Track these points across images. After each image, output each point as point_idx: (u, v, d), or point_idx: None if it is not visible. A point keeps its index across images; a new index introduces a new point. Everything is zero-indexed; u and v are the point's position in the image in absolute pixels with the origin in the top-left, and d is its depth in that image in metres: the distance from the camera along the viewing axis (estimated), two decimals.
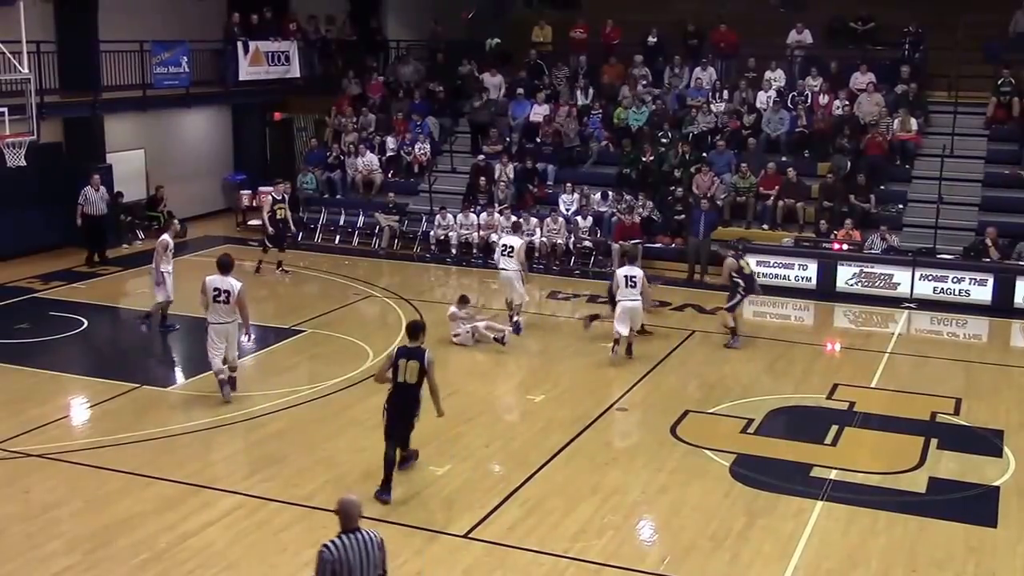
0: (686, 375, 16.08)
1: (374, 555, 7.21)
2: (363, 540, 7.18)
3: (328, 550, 7.12)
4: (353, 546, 7.13)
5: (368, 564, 7.15)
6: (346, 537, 7.18)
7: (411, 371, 11.23)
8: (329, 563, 7.08)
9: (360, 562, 7.12)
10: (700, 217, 21.69)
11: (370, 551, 7.19)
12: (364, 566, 7.13)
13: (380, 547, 7.28)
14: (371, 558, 7.18)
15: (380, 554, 7.27)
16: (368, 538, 7.22)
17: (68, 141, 23.99)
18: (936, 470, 12.50)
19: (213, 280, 13.88)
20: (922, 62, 25.52)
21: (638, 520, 11.24)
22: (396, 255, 24.08)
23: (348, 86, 28.53)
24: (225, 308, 13.89)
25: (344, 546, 7.12)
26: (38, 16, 22.10)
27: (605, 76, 27.34)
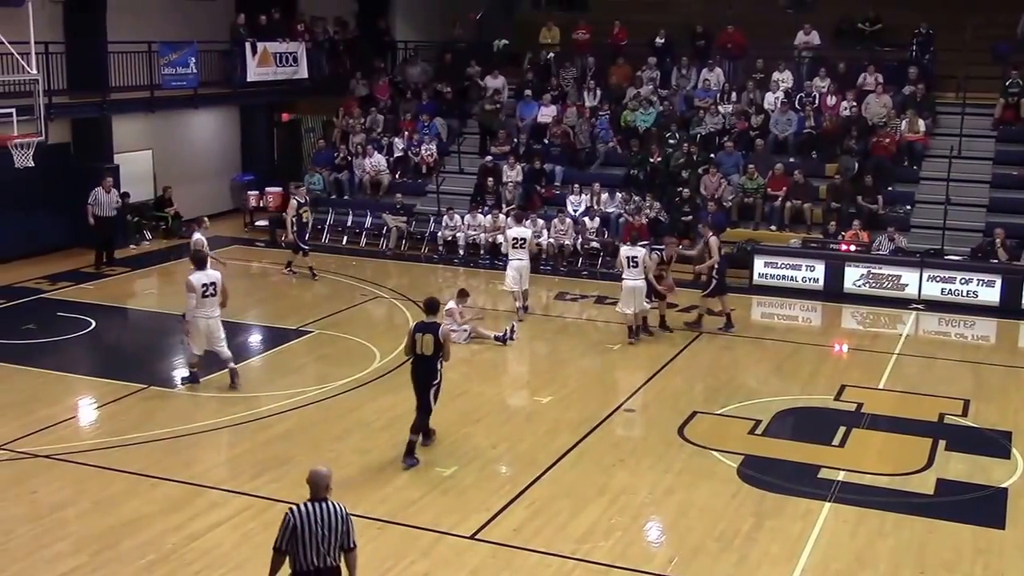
0: (693, 376, 16.06)
1: (337, 525, 7.80)
2: (327, 510, 7.79)
3: (291, 513, 7.81)
4: (316, 513, 7.77)
5: (330, 531, 7.77)
6: (312, 504, 7.82)
7: (427, 344, 12.20)
8: (290, 524, 7.76)
9: (320, 528, 7.75)
10: (706, 219, 21.64)
11: (333, 521, 7.79)
12: (325, 532, 7.75)
13: (344, 519, 7.85)
14: (333, 527, 7.78)
15: (344, 525, 7.85)
16: (333, 508, 7.82)
17: (76, 142, 24.06)
18: (944, 471, 12.46)
19: (199, 276, 14.54)
20: (930, 63, 25.48)
21: (645, 521, 11.22)
22: (403, 256, 24.08)
23: (356, 87, 28.54)
24: (213, 300, 14.54)
25: (308, 512, 7.77)
26: (47, 17, 22.16)
27: (613, 77, 27.33)
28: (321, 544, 7.77)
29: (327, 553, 7.81)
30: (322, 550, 7.78)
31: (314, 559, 7.77)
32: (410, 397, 14.69)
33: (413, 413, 13.98)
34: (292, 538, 7.77)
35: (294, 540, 7.76)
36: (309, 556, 7.76)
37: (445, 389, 12.81)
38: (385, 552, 10.27)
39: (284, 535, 7.79)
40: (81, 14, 23.43)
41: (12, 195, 21.92)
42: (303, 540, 7.74)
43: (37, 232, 22.73)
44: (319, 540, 7.75)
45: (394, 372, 15.85)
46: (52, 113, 20.92)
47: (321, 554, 7.79)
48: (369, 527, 10.77)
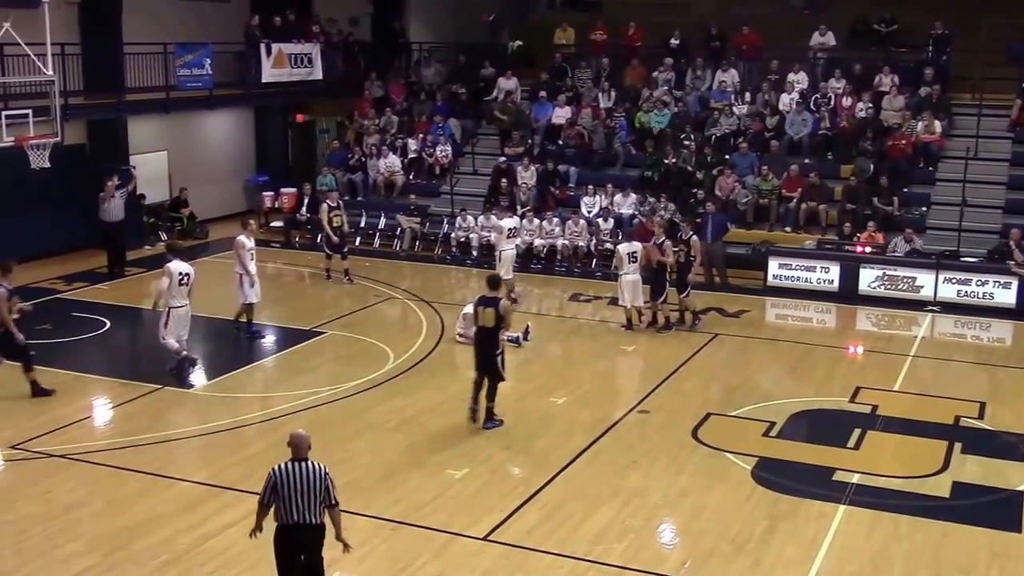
0: (708, 378, 16.02)
1: (317, 483, 8.42)
2: (308, 469, 8.45)
3: (274, 471, 8.48)
4: (297, 471, 8.42)
5: (309, 488, 8.39)
6: (293, 464, 8.48)
7: (488, 317, 13.35)
8: (272, 481, 8.44)
9: (301, 485, 8.39)
10: (707, 220, 21.58)
11: (312, 479, 8.42)
12: (304, 489, 8.39)
13: (324, 477, 8.47)
14: (312, 484, 8.40)
15: (324, 483, 8.46)
16: (314, 468, 8.47)
17: (92, 143, 24.17)
18: (960, 474, 12.40)
19: (179, 265, 15.35)
20: (946, 64, 25.35)
21: (659, 524, 11.18)
22: (417, 257, 24.09)
23: (371, 88, 28.57)
24: (185, 291, 15.28)
25: (289, 470, 8.43)
26: (63, 18, 22.26)
27: (628, 78, 27.29)
28: (301, 500, 8.37)
29: (308, 510, 8.40)
30: (302, 506, 8.39)
31: (295, 515, 8.40)
32: (424, 399, 14.78)
33: (426, 414, 14.11)
34: (274, 494, 8.39)
35: (276, 495, 8.39)
36: (291, 511, 8.39)
37: (457, 391, 12.81)
38: (398, 553, 10.27)
39: (267, 491, 8.46)
40: (97, 15, 23.53)
41: (28, 196, 22.03)
42: (283, 496, 8.37)
43: (53, 232, 22.82)
44: (299, 496, 8.37)
45: (407, 373, 15.88)
46: (68, 114, 21.01)
47: (302, 510, 8.39)
48: (382, 528, 10.78)
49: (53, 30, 19.06)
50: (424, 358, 16.61)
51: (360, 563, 10.12)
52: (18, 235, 21.95)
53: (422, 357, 16.64)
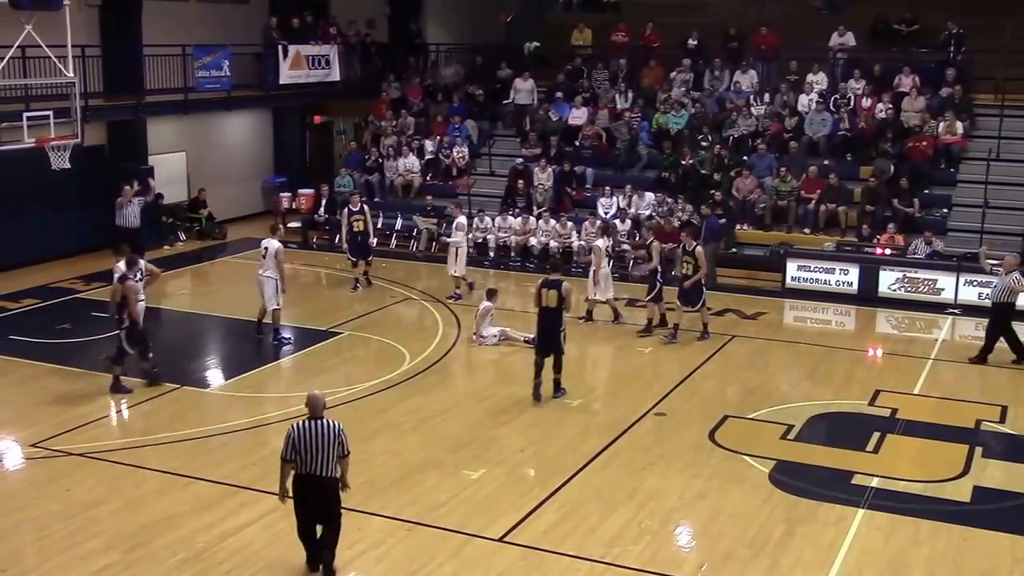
0: (725, 380, 15.95)
1: (332, 438, 9.34)
2: (324, 425, 9.37)
3: (293, 428, 9.41)
4: (314, 429, 9.33)
5: (326, 443, 9.31)
6: (310, 422, 9.39)
7: (551, 298, 14.53)
8: (292, 438, 9.34)
9: (318, 441, 9.30)
10: (702, 223, 21.57)
11: (328, 435, 9.34)
12: (322, 444, 9.30)
13: (339, 433, 9.42)
14: (329, 440, 9.32)
15: (339, 439, 9.40)
16: (329, 424, 9.40)
17: (111, 144, 24.29)
18: (981, 479, 12.30)
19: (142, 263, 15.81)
20: (967, 64, 25.19)
21: (675, 526, 11.13)
22: (434, 258, 24.08)
23: (388, 89, 28.61)
24: (140, 286, 15.50)
25: (307, 428, 9.35)
26: (83, 21, 22.35)
27: (645, 79, 27.23)
28: (318, 455, 9.28)
29: (324, 463, 9.31)
30: (319, 460, 9.29)
31: (313, 467, 9.31)
32: (440, 399, 14.80)
33: (442, 415, 14.14)
34: (294, 449, 9.30)
35: (295, 451, 9.30)
36: (308, 465, 9.30)
37: (473, 392, 12.77)
38: (414, 553, 10.26)
39: (287, 447, 9.36)
40: (117, 17, 23.64)
41: (48, 196, 22.13)
42: (301, 451, 9.28)
43: (72, 233, 22.91)
44: (315, 451, 9.28)
45: (424, 373, 15.88)
46: (88, 115, 21.11)
47: (319, 463, 9.30)
48: (398, 528, 10.77)
49: (74, 32, 19.13)
50: (440, 359, 16.61)
51: (376, 563, 10.12)
52: (38, 235, 22.11)
53: (438, 358, 16.63)
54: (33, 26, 18.24)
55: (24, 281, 21.00)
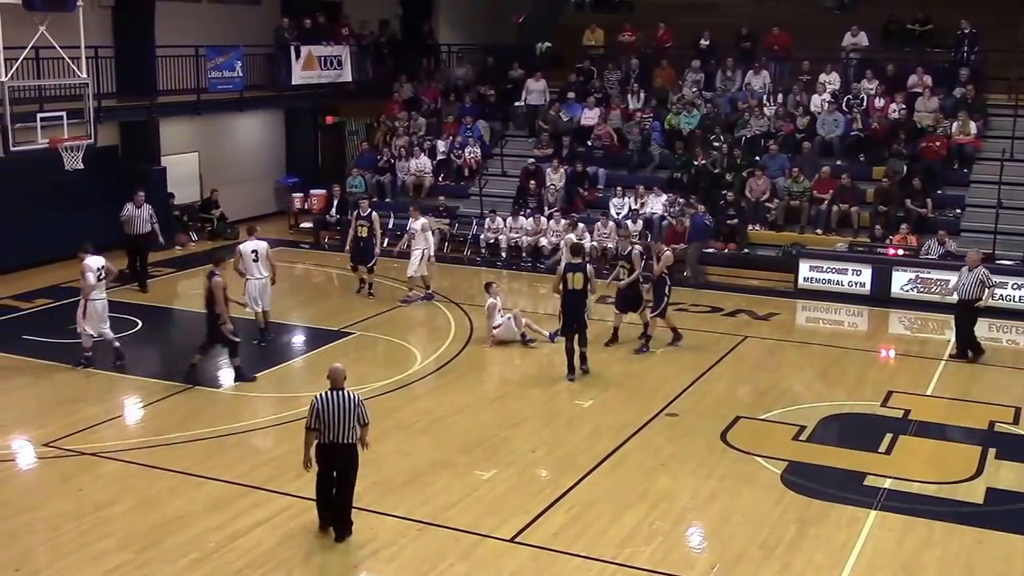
0: (737, 380, 15.92)
1: (352, 408, 10.19)
2: (345, 397, 10.21)
3: (317, 399, 10.22)
4: (335, 399, 10.17)
5: (346, 413, 10.14)
6: (331, 392, 10.23)
7: (577, 280, 15.31)
8: (316, 408, 10.16)
9: (339, 410, 10.13)
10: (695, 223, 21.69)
11: (349, 405, 10.18)
12: (343, 413, 10.14)
13: (359, 403, 10.27)
14: (349, 409, 10.17)
15: (358, 409, 10.25)
16: (349, 396, 10.24)
17: (124, 144, 24.37)
18: (994, 480, 12.25)
19: (94, 261, 15.87)
20: (978, 64, 25.09)
21: (687, 527, 11.11)
22: (446, 258, 24.09)
23: (400, 89, 28.63)
24: (103, 284, 15.84)
25: (329, 399, 10.18)
26: (97, 21, 22.43)
27: (657, 80, 27.19)
28: (339, 423, 10.10)
29: (344, 431, 10.14)
30: (341, 428, 10.11)
31: (334, 435, 10.12)
32: (452, 400, 14.81)
33: (454, 415, 14.15)
34: (317, 418, 10.10)
35: (319, 420, 10.10)
36: (330, 433, 10.12)
37: (484, 393, 12.77)
38: (425, 554, 10.26)
39: (312, 416, 10.18)
40: (130, 18, 23.70)
41: (61, 197, 22.19)
42: (325, 420, 10.09)
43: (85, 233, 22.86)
44: (337, 420, 10.10)
45: (435, 374, 15.89)
46: (101, 116, 21.17)
47: (340, 431, 10.12)
48: (409, 528, 10.78)
49: (87, 33, 19.21)
50: (452, 359, 16.61)
51: (387, 564, 10.12)
52: (51, 235, 22.14)
53: (450, 358, 16.64)
54: (47, 27, 18.33)
55: (37, 281, 21.08)
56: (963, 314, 17.04)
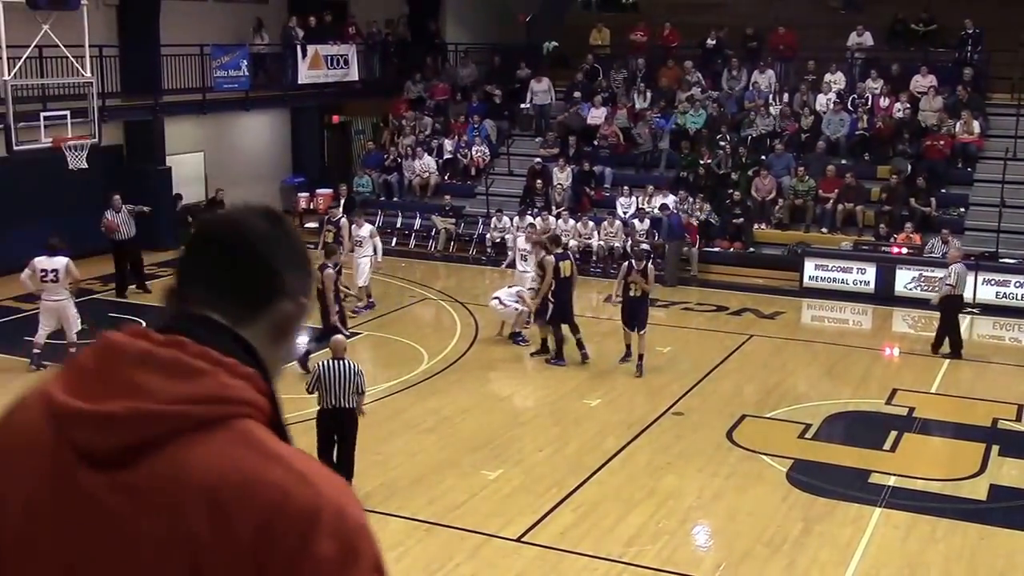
0: (743, 379, 15.95)
1: (351, 376, 11.08)
2: (345, 366, 11.11)
3: (319, 366, 11.25)
4: (336, 367, 11.07)
5: (345, 380, 11.03)
6: (333, 361, 11.15)
7: (566, 268, 16.06)
8: (316, 374, 11.14)
9: (339, 378, 11.02)
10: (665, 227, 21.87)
11: (348, 373, 11.08)
12: (343, 381, 11.03)
13: (358, 372, 11.18)
14: (348, 377, 11.06)
15: (358, 378, 11.15)
16: (349, 365, 11.14)
17: (129, 144, 24.37)
18: (998, 477, 12.29)
19: (41, 261, 15.37)
20: (981, 63, 25.10)
21: (693, 526, 11.16)
22: (452, 258, 24.14)
23: (409, 89, 28.65)
24: (55, 286, 15.34)
25: (330, 367, 11.07)
26: (101, 20, 22.46)
27: (663, 79, 27.21)
28: (339, 389, 11.00)
29: (343, 396, 11.04)
30: (339, 393, 11.01)
31: (333, 400, 11.03)
32: (458, 399, 14.84)
33: (461, 415, 14.21)
34: (318, 383, 11.05)
35: (320, 385, 11.04)
36: (329, 398, 11.05)
37: (491, 392, 12.81)
38: (431, 554, 10.29)
39: (312, 381, 11.22)
40: (134, 17, 23.68)
41: (66, 196, 22.19)
42: (325, 386, 11.01)
43: (89, 233, 22.98)
44: (337, 386, 10.99)
45: (442, 373, 15.92)
46: (105, 115, 21.17)
47: (339, 396, 11.03)
48: (416, 528, 10.81)
49: (91, 32, 19.26)
50: (459, 359, 16.65)
51: (394, 564, 10.14)
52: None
53: (456, 358, 16.67)
54: (50, 26, 18.35)
55: None
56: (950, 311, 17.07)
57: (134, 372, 1.73)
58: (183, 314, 1.87)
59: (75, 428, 1.72)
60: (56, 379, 1.80)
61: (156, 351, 1.76)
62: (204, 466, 1.69)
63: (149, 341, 1.78)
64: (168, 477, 1.69)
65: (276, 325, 1.93)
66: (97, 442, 1.71)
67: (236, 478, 1.68)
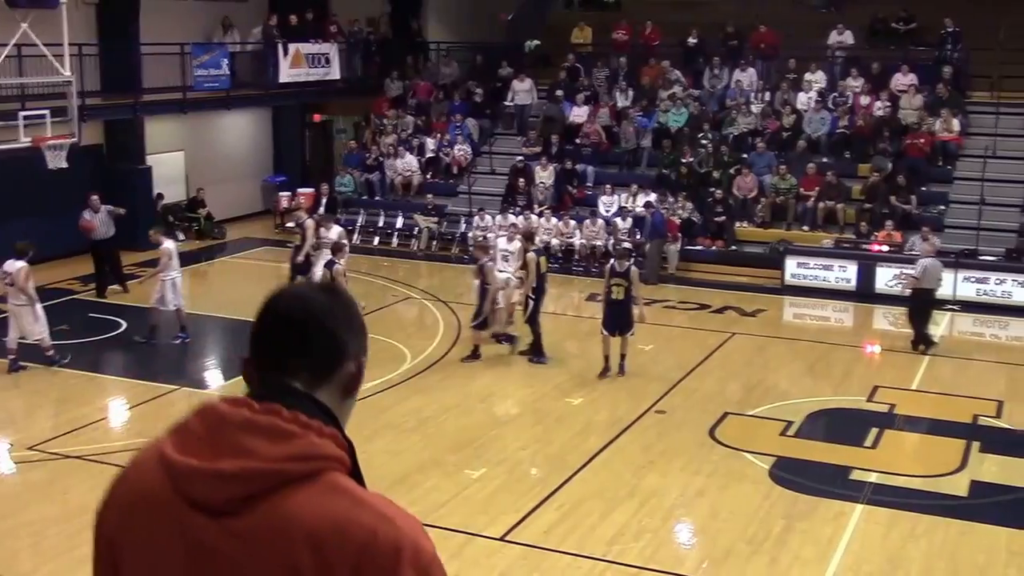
0: (725, 377, 15.97)
1: None
2: None
3: None
4: None
5: None
6: None
7: (543, 263, 16.27)
8: None
9: None
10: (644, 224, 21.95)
11: None
12: None
13: None
14: None
15: None
16: None
17: (109, 143, 24.24)
18: (978, 473, 12.34)
19: (7, 264, 15.29)
20: (964, 62, 25.23)
21: (676, 523, 11.18)
22: (434, 256, 24.10)
23: (389, 87, 28.60)
24: (13, 290, 15.16)
25: None
26: (80, 19, 22.30)
27: (644, 77, 27.23)
28: None
29: None
30: None
31: None
32: (441, 399, 14.83)
33: (444, 414, 14.21)
34: None
35: None
36: None
37: (474, 392, 12.78)
38: None
39: None
40: (114, 16, 23.57)
41: (45, 196, 22.07)
42: None
43: (69, 233, 22.86)
44: None
45: (425, 373, 15.89)
46: (85, 114, 21.06)
47: None
48: None
49: (71, 30, 19.15)
50: (441, 358, 16.62)
51: None
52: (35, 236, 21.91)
53: (439, 357, 16.64)
54: (29, 24, 18.24)
55: None
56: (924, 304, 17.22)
57: (240, 436, 2.06)
58: (272, 384, 2.17)
59: (191, 483, 2.07)
60: (168, 440, 2.17)
61: (256, 418, 2.08)
62: (304, 513, 2.02)
63: (249, 409, 2.09)
64: (273, 523, 2.02)
65: (343, 385, 2.31)
66: (211, 494, 2.04)
67: (332, 522, 2.03)
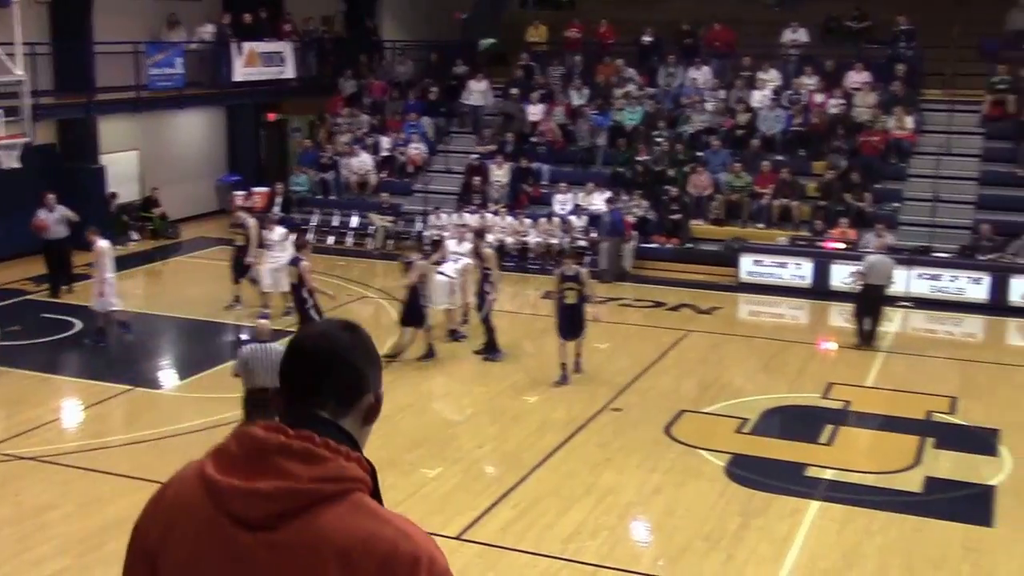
0: (680, 375, 16.05)
1: (275, 358, 10.40)
2: (268, 348, 11.05)
3: (242, 351, 11.32)
4: (260, 350, 11.06)
5: (271, 363, 10.55)
6: (257, 344, 11.26)
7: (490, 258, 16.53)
8: (242, 357, 11.18)
9: (263, 361, 10.84)
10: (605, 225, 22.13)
11: (274, 355, 10.70)
12: (267, 364, 10.71)
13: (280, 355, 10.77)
14: (272, 359, 10.66)
15: None
16: (272, 348, 11.02)
17: (62, 142, 23.96)
18: (932, 469, 12.47)
19: None
20: (917, 60, 25.50)
21: (632, 521, 11.21)
22: (390, 255, 23.99)
23: (344, 86, 28.47)
24: None
25: (255, 349, 11.14)
26: (33, 17, 22.00)
27: (600, 76, 27.29)
28: (265, 373, 10.75)
29: (269, 378, 10.60)
30: (264, 376, 10.76)
31: (258, 381, 10.88)
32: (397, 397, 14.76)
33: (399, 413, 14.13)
34: (244, 367, 11.04)
35: (246, 369, 11.03)
36: (256, 381, 10.92)
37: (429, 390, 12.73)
38: None
39: (237, 364, 11.31)
40: (67, 14, 23.28)
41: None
42: (252, 369, 10.98)
43: (21, 233, 22.55)
44: (263, 369, 10.81)
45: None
46: (38, 114, 20.78)
47: (264, 378, 10.79)
48: None
49: (23, 29, 18.91)
50: (396, 357, 16.54)
51: None
52: None
53: (394, 356, 16.56)
54: None
55: None
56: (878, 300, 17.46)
57: (277, 458, 2.34)
58: (301, 413, 2.47)
59: (232, 500, 2.34)
60: (208, 462, 2.44)
61: (291, 443, 2.36)
62: (334, 529, 2.31)
63: (284, 435, 2.37)
64: (306, 538, 2.30)
65: (364, 414, 2.59)
66: (250, 511, 2.32)
67: (358, 538, 2.31)
